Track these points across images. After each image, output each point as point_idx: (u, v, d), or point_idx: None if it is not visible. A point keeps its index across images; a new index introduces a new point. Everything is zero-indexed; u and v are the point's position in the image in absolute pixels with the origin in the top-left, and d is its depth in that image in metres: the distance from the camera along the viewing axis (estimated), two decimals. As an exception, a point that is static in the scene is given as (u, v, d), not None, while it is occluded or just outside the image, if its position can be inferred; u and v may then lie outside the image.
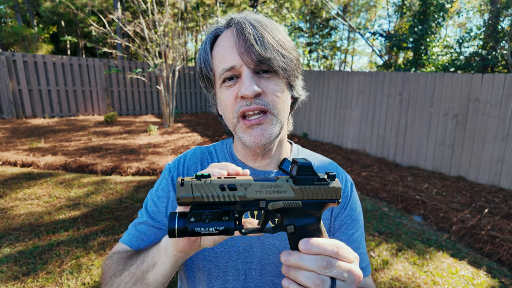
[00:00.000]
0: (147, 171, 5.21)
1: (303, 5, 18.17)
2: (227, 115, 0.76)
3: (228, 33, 0.73)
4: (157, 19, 8.34)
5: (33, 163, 5.30)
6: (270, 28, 0.72)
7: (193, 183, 0.49)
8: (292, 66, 0.74)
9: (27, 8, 16.95)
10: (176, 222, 0.50)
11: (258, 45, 0.68)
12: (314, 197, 0.55)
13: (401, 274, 2.81)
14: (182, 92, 13.04)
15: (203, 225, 0.50)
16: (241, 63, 0.70)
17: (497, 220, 3.74)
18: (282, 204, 0.53)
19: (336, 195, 0.56)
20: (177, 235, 0.50)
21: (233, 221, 0.51)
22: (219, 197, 0.50)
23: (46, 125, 8.78)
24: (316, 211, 0.56)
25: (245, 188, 0.52)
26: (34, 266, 2.66)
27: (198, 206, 0.50)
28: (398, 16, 17.54)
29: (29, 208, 3.72)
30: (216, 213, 0.50)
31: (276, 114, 0.73)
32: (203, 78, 0.79)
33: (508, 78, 4.84)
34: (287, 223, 0.56)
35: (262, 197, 0.52)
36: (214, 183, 0.50)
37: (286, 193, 0.54)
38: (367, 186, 4.90)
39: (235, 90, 0.72)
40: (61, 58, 10.20)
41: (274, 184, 0.54)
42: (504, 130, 4.89)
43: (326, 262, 0.50)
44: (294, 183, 0.55)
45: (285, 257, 0.53)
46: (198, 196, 0.49)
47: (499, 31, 8.89)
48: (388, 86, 6.51)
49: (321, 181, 0.56)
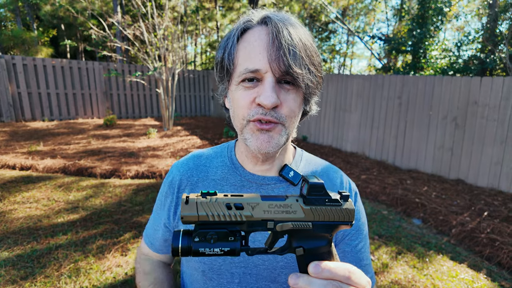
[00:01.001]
0: (146, 174, 5.20)
1: (302, 9, 18.26)
2: (238, 116, 0.73)
3: (262, 32, 0.68)
4: (157, 22, 8.37)
5: (32, 166, 5.29)
6: (304, 39, 0.69)
7: (198, 201, 0.48)
8: (315, 83, 0.71)
9: (27, 12, 17.02)
10: (180, 241, 0.49)
11: (290, 56, 0.65)
12: (325, 219, 0.52)
13: (401, 277, 2.80)
14: (182, 95, 13.05)
15: (207, 245, 0.48)
16: (268, 68, 0.66)
17: (496, 223, 3.74)
18: (292, 226, 0.51)
19: (349, 217, 0.53)
20: (181, 254, 0.49)
21: (239, 242, 0.49)
22: (225, 217, 0.48)
23: (45, 128, 8.77)
24: (327, 234, 0.53)
25: (252, 207, 0.50)
26: (32, 270, 2.65)
27: (203, 225, 0.48)
28: (396, 19, 17.61)
29: (27, 212, 3.71)
30: (221, 233, 0.48)
31: (287, 126, 0.72)
32: (221, 69, 0.74)
33: (506, 81, 4.85)
34: (296, 245, 0.53)
35: (270, 218, 0.50)
36: (220, 202, 0.48)
37: (296, 213, 0.51)
38: (366, 189, 4.90)
39: (253, 94, 0.69)
40: (61, 62, 10.22)
41: (283, 203, 0.51)
42: (503, 133, 4.90)
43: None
44: (305, 203, 0.52)
45: (293, 280, 0.50)
46: (203, 215, 0.47)
47: (497, 35, 8.94)
48: (387, 89, 6.53)
49: (333, 202, 0.52)
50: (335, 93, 7.68)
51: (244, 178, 0.83)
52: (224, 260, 0.80)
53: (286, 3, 16.33)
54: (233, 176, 0.84)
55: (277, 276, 0.80)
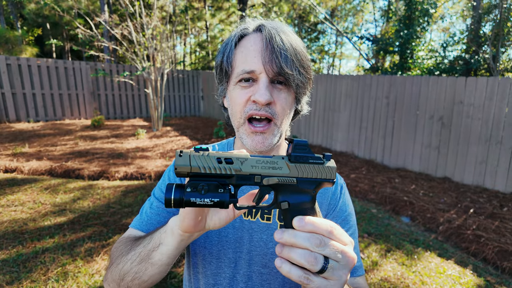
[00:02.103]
0: (135, 175, 5.14)
1: (291, 9, 18.34)
2: (235, 113, 0.80)
3: (257, 38, 0.77)
4: (145, 22, 8.27)
5: (17, 168, 5.16)
6: (295, 45, 0.76)
7: (191, 154, 0.50)
8: (305, 84, 0.79)
9: (11, 10, 16.60)
10: (173, 193, 0.51)
11: (282, 58, 0.72)
12: (309, 175, 0.56)
13: (390, 274, 2.84)
14: (171, 96, 12.95)
15: (198, 195, 0.50)
16: (262, 69, 0.74)
17: (482, 219, 3.83)
18: (277, 180, 0.54)
19: (331, 175, 0.57)
20: (173, 205, 0.51)
21: (228, 194, 0.51)
22: (215, 169, 0.50)
23: (30, 129, 8.57)
24: (311, 190, 0.57)
25: (241, 162, 0.52)
26: (18, 274, 2.58)
27: (195, 177, 0.51)
28: (384, 20, 17.87)
29: (12, 215, 3.62)
30: (212, 185, 0.51)
31: (279, 124, 0.79)
32: (220, 71, 0.82)
33: (490, 81, 4.98)
34: (281, 200, 0.56)
35: (257, 172, 0.53)
36: (211, 156, 0.51)
37: (282, 169, 0.55)
38: (356, 188, 4.95)
39: (248, 93, 0.76)
40: (46, 61, 10.00)
41: (270, 160, 0.55)
42: (487, 132, 5.03)
43: (319, 240, 0.51)
44: (290, 161, 0.55)
45: (279, 235, 0.53)
46: (195, 166, 0.49)
47: (481, 36, 9.17)
48: (375, 89, 6.61)
49: (316, 160, 0.56)
50: (325, 93, 7.74)
51: None
52: (222, 245, 0.88)
53: (275, 3, 16.37)
54: None
55: (268, 262, 0.87)
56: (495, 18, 9.11)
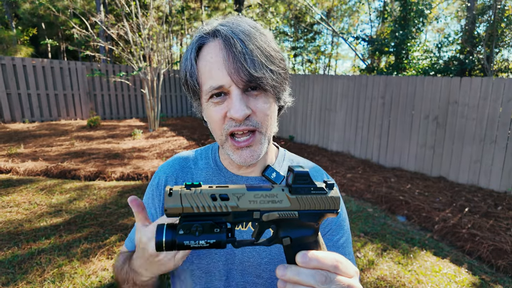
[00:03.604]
0: (131, 176, 5.13)
1: (288, 10, 18.38)
2: (215, 131, 0.74)
3: (216, 46, 0.68)
4: (141, 22, 8.25)
5: (12, 169, 5.12)
6: (258, 41, 0.68)
7: (182, 192, 0.46)
8: (280, 80, 0.72)
9: (6, 10, 16.46)
10: (164, 235, 0.47)
11: (247, 64, 0.65)
12: (311, 207, 0.52)
13: (386, 273, 2.86)
14: (167, 96, 12.92)
15: (192, 237, 0.47)
16: (231, 83, 0.66)
17: (476, 218, 3.87)
18: (278, 215, 0.50)
19: (335, 205, 0.53)
20: (165, 248, 0.48)
21: (225, 233, 0.48)
22: (210, 208, 0.47)
23: (26, 130, 8.51)
24: (314, 222, 0.53)
25: (238, 198, 0.49)
26: (13, 276, 2.57)
27: (187, 217, 0.47)
28: (380, 21, 17.97)
29: (7, 216, 3.59)
30: (207, 225, 0.47)
31: (264, 132, 0.73)
32: (188, 89, 0.76)
33: (484, 81, 5.03)
34: (283, 235, 0.53)
35: (256, 208, 0.49)
36: (204, 193, 0.47)
37: (282, 203, 0.51)
38: (352, 187, 4.98)
39: (223, 108, 0.69)
40: (42, 61, 9.93)
41: (269, 193, 0.50)
42: (481, 132, 5.08)
43: (325, 277, 0.48)
44: (290, 193, 0.51)
45: (281, 271, 0.50)
46: (187, 206, 0.46)
47: (475, 37, 9.25)
48: (371, 89, 6.65)
49: (319, 190, 0.52)
50: (321, 93, 7.77)
51: (229, 179, 0.86)
52: (211, 259, 0.82)
53: (271, 4, 16.40)
54: (218, 178, 0.87)
55: (262, 272, 0.82)
56: (489, 19, 9.19)
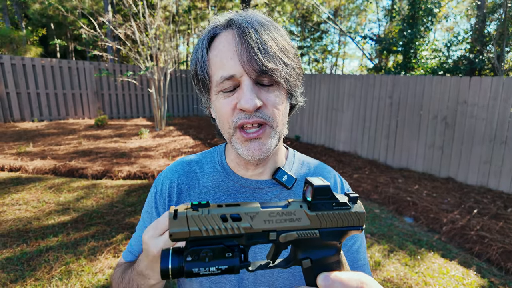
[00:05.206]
0: (138, 175, 5.16)
1: (294, 9, 18.32)
2: (223, 125, 0.71)
3: (228, 36, 0.66)
4: (149, 22, 8.30)
5: (21, 167, 5.20)
6: (273, 33, 0.66)
7: (188, 214, 0.41)
8: (294, 75, 0.69)
9: (16, 10, 16.71)
10: (170, 261, 0.42)
11: (261, 54, 0.62)
12: (333, 225, 0.47)
13: (393, 275, 2.83)
14: (174, 95, 12.98)
15: (202, 264, 0.42)
16: (242, 72, 0.64)
17: (486, 220, 3.81)
18: (297, 235, 0.45)
19: (359, 221, 0.47)
20: (172, 276, 0.42)
21: (238, 258, 0.43)
22: (220, 230, 0.42)
23: (35, 128, 8.63)
24: (336, 241, 0.48)
25: (251, 217, 0.43)
26: (22, 273, 2.61)
27: (195, 241, 0.42)
28: (388, 20, 17.79)
29: (17, 214, 3.65)
30: (217, 249, 0.42)
31: (275, 126, 0.69)
32: (197, 81, 0.72)
33: (494, 81, 4.94)
34: (302, 257, 0.47)
35: (272, 228, 0.44)
36: (214, 214, 0.42)
37: (301, 221, 0.45)
38: (358, 188, 4.94)
39: (233, 100, 0.67)
40: (50, 61, 10.06)
41: (286, 211, 0.45)
42: (491, 132, 4.99)
43: None
44: (310, 209, 0.46)
45: None
46: (195, 230, 0.41)
47: (486, 35, 9.10)
48: (378, 89, 6.59)
49: (341, 206, 0.47)
50: (328, 93, 7.72)
51: (237, 183, 0.81)
52: None
53: (278, 3, 16.35)
54: (225, 182, 0.82)
55: (275, 281, 0.78)
56: (499, 17, 9.04)
